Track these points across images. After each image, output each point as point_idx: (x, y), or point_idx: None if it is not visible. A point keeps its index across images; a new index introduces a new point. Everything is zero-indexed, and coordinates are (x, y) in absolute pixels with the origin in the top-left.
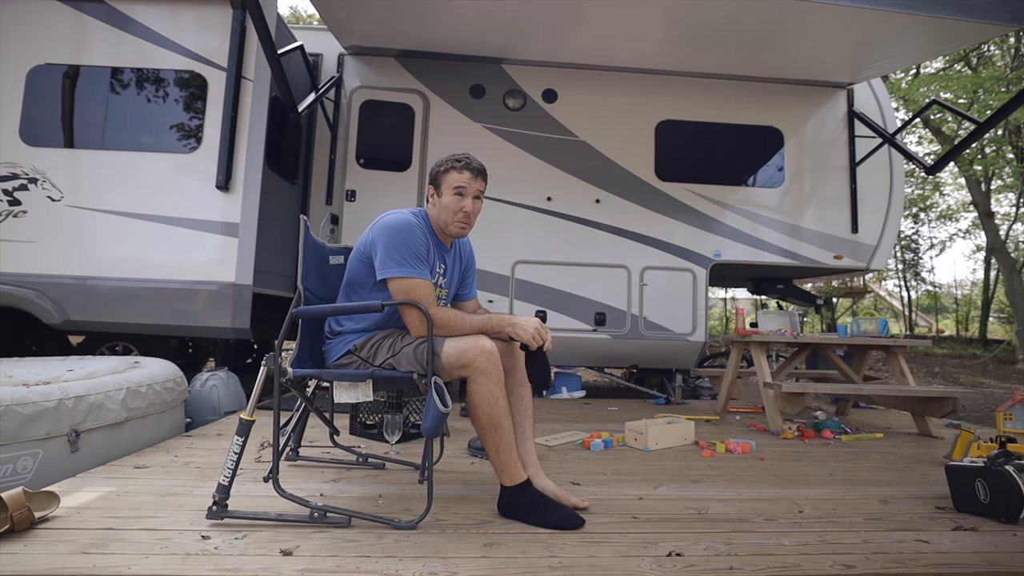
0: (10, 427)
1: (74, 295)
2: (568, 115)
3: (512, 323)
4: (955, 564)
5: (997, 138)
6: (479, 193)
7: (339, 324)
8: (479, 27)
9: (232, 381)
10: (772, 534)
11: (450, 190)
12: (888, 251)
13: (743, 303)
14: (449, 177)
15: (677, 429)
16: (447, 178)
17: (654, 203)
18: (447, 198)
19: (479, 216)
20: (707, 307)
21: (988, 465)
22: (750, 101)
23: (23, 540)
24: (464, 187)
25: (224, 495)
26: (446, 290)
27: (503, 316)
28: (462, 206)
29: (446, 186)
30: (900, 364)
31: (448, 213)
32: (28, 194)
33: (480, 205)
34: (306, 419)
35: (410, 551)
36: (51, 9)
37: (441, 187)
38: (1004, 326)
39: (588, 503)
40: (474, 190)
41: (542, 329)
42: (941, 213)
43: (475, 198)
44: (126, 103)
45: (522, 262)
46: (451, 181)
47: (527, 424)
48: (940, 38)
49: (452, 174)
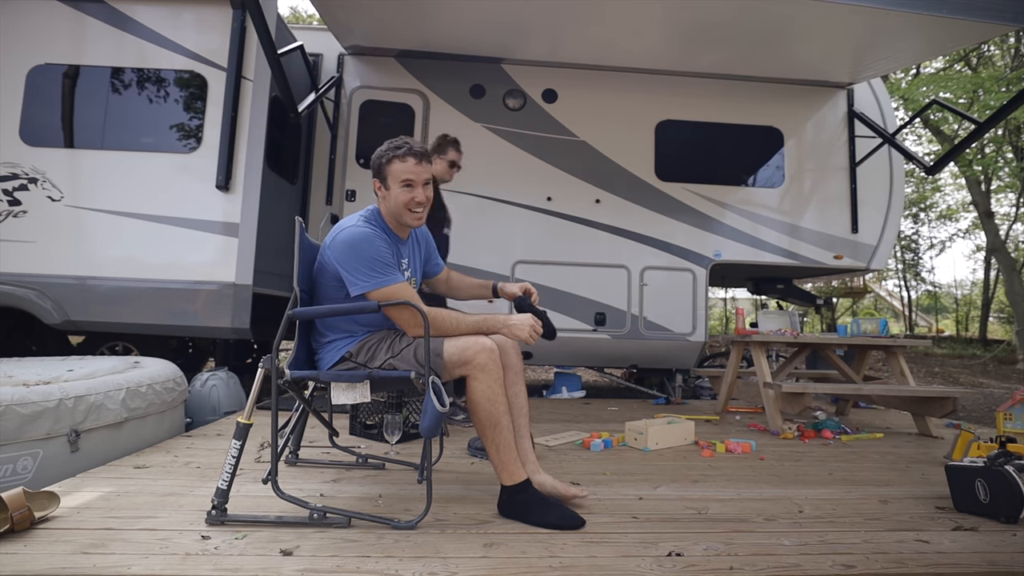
0: (10, 427)
1: (74, 295)
2: (568, 115)
3: (507, 324)
4: (955, 564)
5: (997, 138)
6: (428, 179)
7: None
8: (479, 27)
9: (232, 381)
10: (772, 534)
11: (397, 183)
12: (888, 251)
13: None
14: (393, 168)
15: (677, 429)
16: (391, 169)
17: (654, 203)
18: (396, 191)
19: (479, 216)
20: (707, 307)
21: (988, 465)
22: (750, 101)
23: (23, 540)
24: (412, 179)
25: (223, 499)
26: (413, 279)
27: (497, 317)
28: (413, 197)
29: (392, 179)
30: (900, 364)
31: (399, 207)
32: (28, 194)
33: (431, 190)
34: (305, 420)
35: (410, 551)
36: (51, 9)
37: (387, 180)
38: (1004, 326)
39: (587, 491)
40: (423, 178)
41: (536, 325)
42: (941, 213)
43: (425, 185)
44: (126, 103)
45: (522, 262)
46: (396, 173)
47: (523, 422)
48: (940, 38)
49: (395, 164)
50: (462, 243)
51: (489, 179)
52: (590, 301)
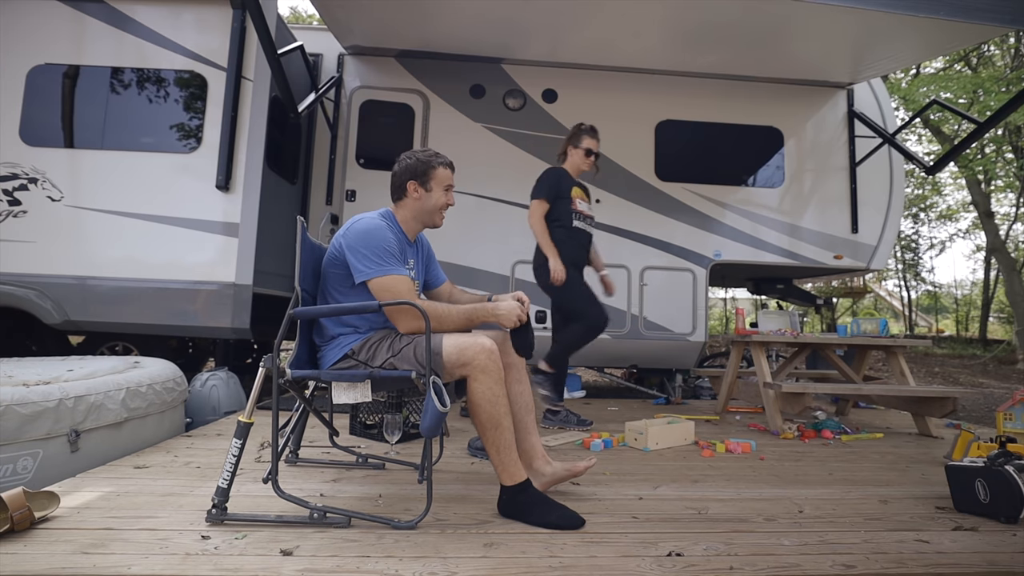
0: (10, 427)
1: (74, 295)
2: (568, 115)
3: (495, 312)
4: (955, 564)
5: (997, 138)
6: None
7: (329, 330)
8: (479, 27)
9: (232, 381)
10: (772, 534)
11: (441, 187)
12: (888, 251)
13: (743, 303)
14: (439, 174)
15: (677, 429)
16: (437, 175)
17: (654, 203)
18: (438, 194)
19: (479, 216)
20: (707, 307)
21: (988, 465)
22: (750, 101)
23: (23, 540)
24: (452, 184)
25: (223, 498)
26: (417, 282)
27: (485, 306)
28: (448, 201)
29: (436, 182)
30: (900, 364)
31: (435, 209)
32: (28, 194)
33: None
34: (305, 420)
35: (410, 551)
36: (51, 9)
37: (430, 183)
38: (1004, 326)
39: (594, 460)
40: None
41: (521, 308)
42: (941, 213)
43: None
44: (126, 103)
45: (522, 262)
46: (441, 178)
47: (528, 419)
48: (940, 38)
49: (441, 170)
50: (462, 243)
51: (489, 179)
52: None
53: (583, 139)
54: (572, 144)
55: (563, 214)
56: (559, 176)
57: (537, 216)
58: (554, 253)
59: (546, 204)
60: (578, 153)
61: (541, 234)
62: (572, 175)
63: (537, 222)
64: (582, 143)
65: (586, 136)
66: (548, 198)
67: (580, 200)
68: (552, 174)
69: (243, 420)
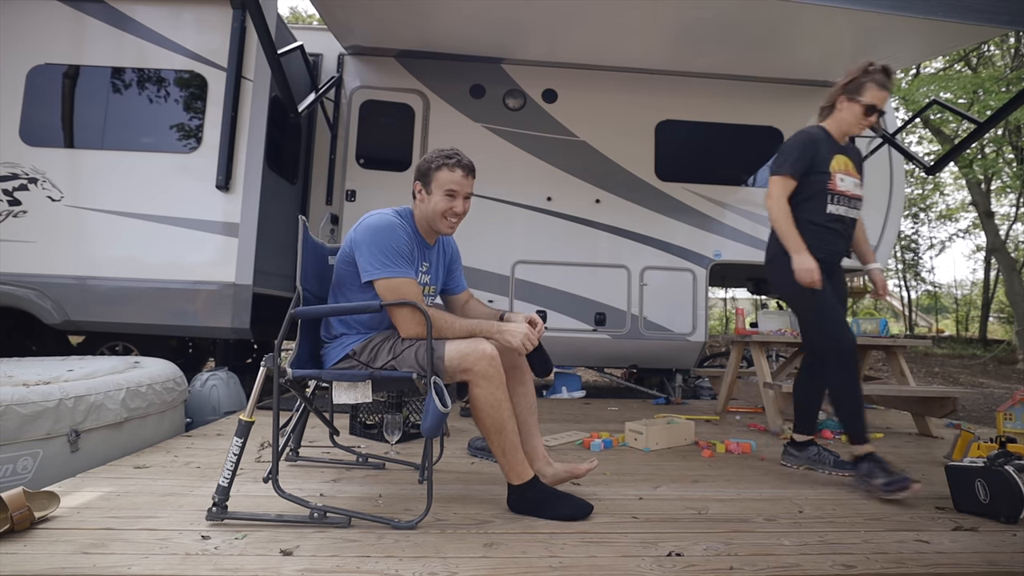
0: (10, 427)
1: (74, 295)
2: (568, 115)
3: (500, 331)
4: (955, 564)
5: (997, 138)
6: (470, 193)
7: (334, 327)
8: (479, 27)
9: (232, 381)
10: (772, 534)
11: (440, 190)
12: (888, 251)
13: (743, 303)
14: (440, 176)
15: (677, 429)
16: (438, 177)
17: (654, 203)
18: (437, 198)
19: (479, 216)
20: (707, 307)
21: (988, 465)
22: (750, 101)
23: (23, 540)
24: (456, 189)
25: (224, 496)
26: (432, 287)
27: (492, 324)
28: (452, 207)
29: (436, 185)
30: (900, 364)
31: (437, 214)
32: (28, 194)
33: (470, 204)
34: (306, 419)
35: (410, 551)
36: (51, 9)
37: (431, 185)
38: (1004, 326)
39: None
40: (465, 191)
41: (531, 334)
42: (941, 213)
43: (466, 198)
44: (126, 103)
45: (522, 262)
46: (442, 181)
47: (531, 420)
48: (939, 39)
49: (444, 173)
50: (461, 243)
51: (489, 179)
52: (590, 301)
53: (866, 90)
54: (848, 95)
55: (816, 194)
56: (816, 141)
57: (777, 196)
58: (799, 245)
59: (792, 181)
60: (853, 109)
61: (780, 220)
62: (836, 139)
63: (776, 204)
64: (864, 95)
65: (872, 87)
66: (794, 174)
67: (843, 175)
68: (803, 139)
69: (244, 419)
